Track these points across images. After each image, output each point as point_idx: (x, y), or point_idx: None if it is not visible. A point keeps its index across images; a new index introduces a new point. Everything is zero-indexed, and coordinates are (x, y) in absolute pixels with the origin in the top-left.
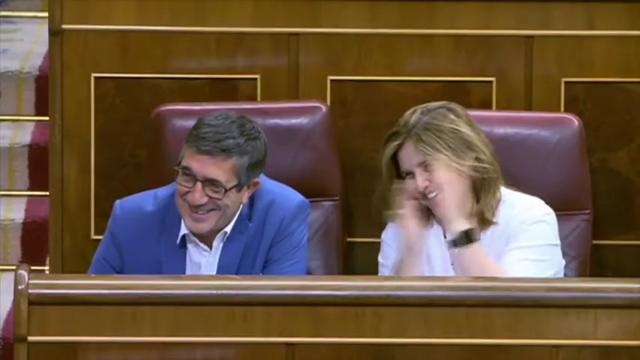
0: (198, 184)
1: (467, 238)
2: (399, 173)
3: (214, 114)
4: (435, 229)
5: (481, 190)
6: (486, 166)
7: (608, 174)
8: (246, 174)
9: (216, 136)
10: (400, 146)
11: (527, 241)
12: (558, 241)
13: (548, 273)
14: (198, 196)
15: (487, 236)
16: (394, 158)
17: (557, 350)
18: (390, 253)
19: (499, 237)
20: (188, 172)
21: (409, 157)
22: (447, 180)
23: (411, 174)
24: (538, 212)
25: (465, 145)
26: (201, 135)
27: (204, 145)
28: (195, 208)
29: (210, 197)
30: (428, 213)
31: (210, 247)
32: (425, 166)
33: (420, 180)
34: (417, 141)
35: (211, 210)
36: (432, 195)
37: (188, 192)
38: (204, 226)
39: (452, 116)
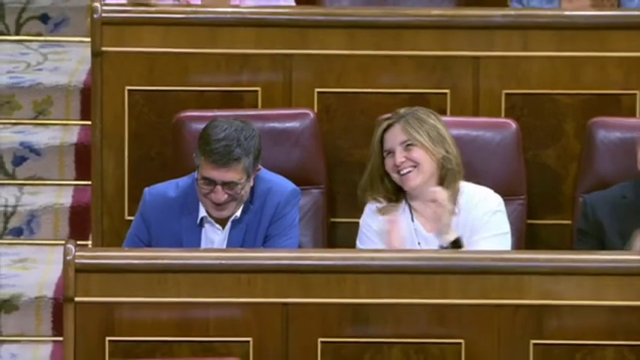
0: (219, 187)
1: (454, 246)
2: (382, 154)
3: (217, 125)
4: (404, 212)
5: (445, 179)
6: (452, 158)
7: (540, 167)
8: (252, 166)
9: (227, 149)
10: (389, 126)
11: (491, 231)
12: (509, 227)
13: None
14: (220, 195)
15: (451, 227)
16: (381, 140)
17: (500, 309)
18: (365, 240)
19: (463, 226)
20: (208, 181)
21: (394, 136)
22: (421, 159)
23: (391, 153)
24: (494, 202)
25: (439, 139)
26: (215, 150)
27: (220, 160)
28: (218, 204)
29: (229, 194)
30: (398, 199)
31: (224, 226)
32: (406, 145)
33: (399, 156)
34: (404, 124)
35: (230, 201)
36: (405, 171)
37: (210, 193)
38: (226, 213)
39: (433, 117)
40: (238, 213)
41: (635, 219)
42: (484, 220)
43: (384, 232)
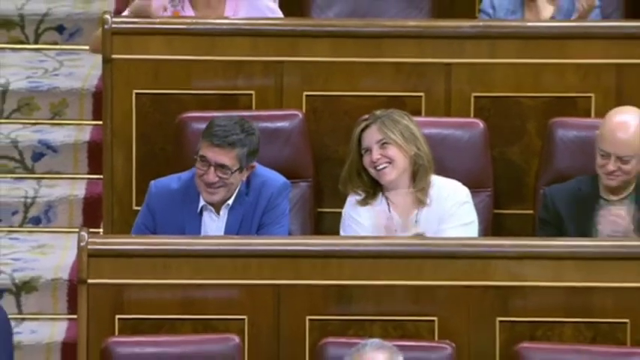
0: (212, 168)
1: None
2: (359, 152)
3: (224, 117)
4: (381, 203)
5: (417, 173)
6: (423, 155)
7: (505, 162)
8: (246, 160)
9: (225, 133)
10: (367, 127)
11: (460, 220)
12: (476, 216)
13: None
14: (212, 176)
15: (423, 216)
16: (359, 139)
17: (469, 289)
18: (347, 227)
19: (434, 216)
20: (204, 160)
21: (371, 135)
22: (395, 156)
23: (368, 151)
24: (462, 194)
25: (412, 138)
26: (214, 133)
27: (216, 140)
28: (209, 185)
29: (220, 177)
30: (375, 192)
31: (219, 214)
32: (382, 143)
33: (376, 154)
34: (380, 124)
35: (220, 186)
36: (381, 167)
37: (204, 174)
38: (215, 197)
39: (407, 118)
40: (230, 201)
41: (589, 209)
42: (452, 210)
43: (377, 226)
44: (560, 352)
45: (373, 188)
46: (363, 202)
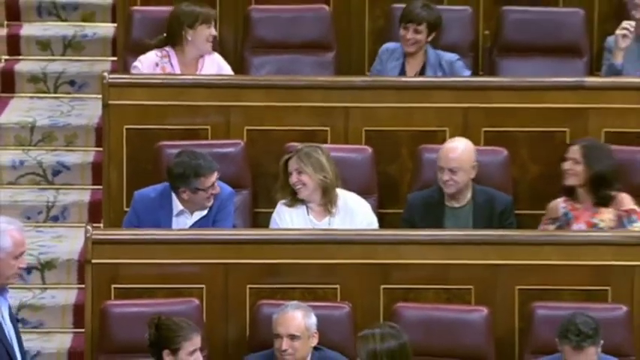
0: (215, 184)
1: None
2: (286, 172)
3: (185, 157)
4: (303, 208)
5: (325, 192)
6: (328, 181)
7: (386, 176)
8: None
9: (209, 160)
10: (290, 158)
11: (372, 225)
12: None
13: None
14: (217, 189)
15: (336, 221)
16: (285, 166)
17: (362, 266)
18: (276, 223)
19: (345, 220)
20: (212, 184)
21: (292, 164)
22: (306, 180)
23: (290, 174)
24: (363, 202)
25: (320, 168)
26: (206, 165)
27: (214, 167)
28: (214, 196)
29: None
30: (298, 201)
31: (192, 214)
32: (298, 171)
33: (294, 178)
34: (297, 157)
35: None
36: (297, 187)
37: (212, 189)
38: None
39: (319, 152)
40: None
41: (436, 213)
42: (370, 219)
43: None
44: (425, 310)
45: (296, 198)
46: (289, 204)
